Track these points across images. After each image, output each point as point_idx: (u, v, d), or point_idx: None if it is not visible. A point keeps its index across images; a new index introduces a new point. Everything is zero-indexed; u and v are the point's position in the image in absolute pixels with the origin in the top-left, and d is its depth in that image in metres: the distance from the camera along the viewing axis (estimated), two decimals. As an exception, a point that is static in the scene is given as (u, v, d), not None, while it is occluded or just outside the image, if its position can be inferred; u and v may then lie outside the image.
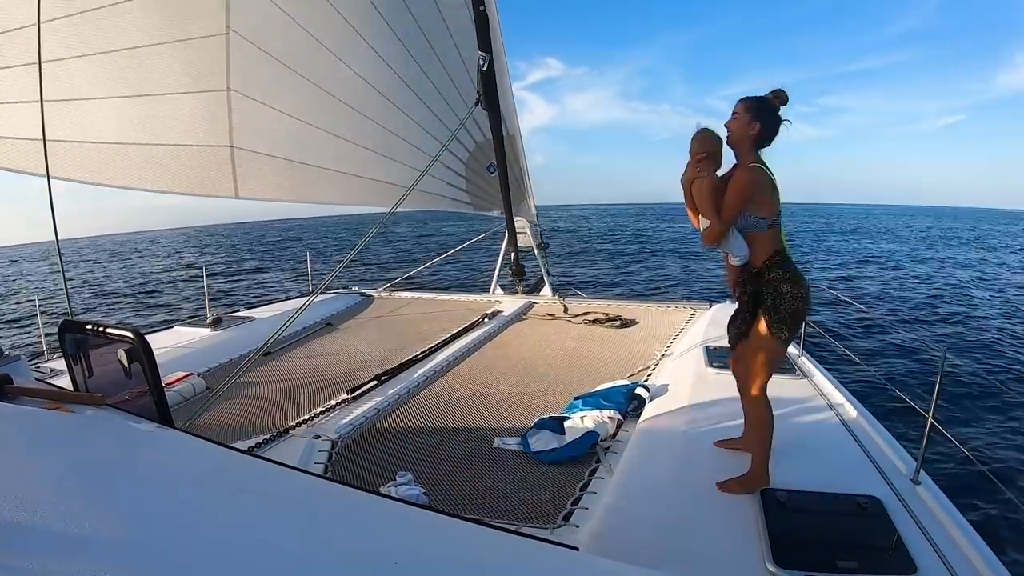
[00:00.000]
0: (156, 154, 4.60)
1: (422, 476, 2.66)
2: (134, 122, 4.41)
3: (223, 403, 3.50)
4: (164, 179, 4.72)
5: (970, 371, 8.19)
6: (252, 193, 5.12)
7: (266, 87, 4.79)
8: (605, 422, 3.06)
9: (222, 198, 5.07)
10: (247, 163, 4.96)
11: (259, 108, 4.82)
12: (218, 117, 4.68)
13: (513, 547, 1.02)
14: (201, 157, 4.79)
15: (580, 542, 1.97)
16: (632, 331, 5.29)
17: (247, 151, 4.92)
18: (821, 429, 2.82)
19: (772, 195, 2.17)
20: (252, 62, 4.59)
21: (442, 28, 5.38)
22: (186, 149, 4.70)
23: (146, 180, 4.66)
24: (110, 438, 1.28)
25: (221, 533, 0.81)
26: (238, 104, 4.69)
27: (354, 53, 5.03)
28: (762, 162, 2.19)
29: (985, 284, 17.36)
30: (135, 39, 4.10)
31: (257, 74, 4.68)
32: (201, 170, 4.84)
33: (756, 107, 2.17)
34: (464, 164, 6.34)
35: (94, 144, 4.32)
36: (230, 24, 4.37)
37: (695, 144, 2.27)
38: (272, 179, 5.22)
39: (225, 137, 4.77)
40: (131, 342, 1.53)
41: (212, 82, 4.54)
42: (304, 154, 5.29)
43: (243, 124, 4.79)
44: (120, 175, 4.53)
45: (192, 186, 4.87)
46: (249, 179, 5.03)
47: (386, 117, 5.50)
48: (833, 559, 1.81)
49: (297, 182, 5.40)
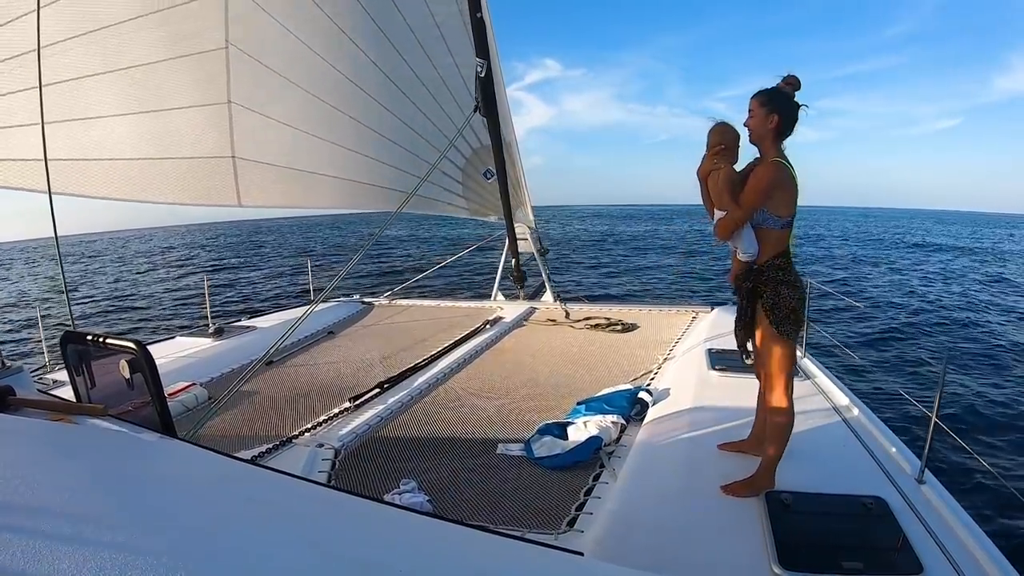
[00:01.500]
0: (161, 168, 4.67)
1: (426, 483, 2.66)
2: (142, 137, 4.49)
3: (226, 413, 3.50)
4: (169, 191, 4.78)
5: (973, 370, 8.18)
6: (254, 201, 5.18)
7: (265, 98, 4.85)
8: (608, 427, 3.05)
9: (225, 207, 5.12)
10: (249, 172, 5.02)
11: (259, 119, 4.88)
12: (220, 129, 4.74)
13: (518, 553, 1.01)
14: (204, 168, 4.86)
15: (585, 547, 1.97)
16: (634, 335, 5.29)
17: (249, 160, 4.98)
18: (825, 430, 2.82)
19: (793, 193, 2.16)
20: (251, 74, 4.66)
21: (436, 35, 5.44)
22: (189, 161, 4.77)
23: (151, 192, 4.71)
24: (113, 449, 1.28)
25: (225, 544, 0.81)
26: (239, 116, 4.75)
27: (349, 61, 5.09)
28: (785, 158, 2.18)
29: (985, 285, 17.36)
30: (139, 57, 4.18)
31: (256, 86, 4.75)
32: (205, 180, 4.90)
33: (770, 99, 2.15)
34: (461, 170, 6.36)
35: (104, 161, 4.40)
36: (229, 38, 4.43)
37: (713, 136, 2.27)
38: (273, 187, 5.29)
39: (227, 148, 4.83)
40: (133, 352, 1.53)
41: (213, 95, 4.60)
42: (304, 162, 5.36)
43: (244, 135, 4.86)
44: (126, 188, 4.59)
45: (197, 196, 4.92)
46: (251, 188, 5.10)
47: (383, 124, 5.55)
48: (839, 560, 1.80)
49: (298, 189, 5.45)
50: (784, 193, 2.15)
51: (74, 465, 1.08)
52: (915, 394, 3.24)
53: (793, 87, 2.17)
